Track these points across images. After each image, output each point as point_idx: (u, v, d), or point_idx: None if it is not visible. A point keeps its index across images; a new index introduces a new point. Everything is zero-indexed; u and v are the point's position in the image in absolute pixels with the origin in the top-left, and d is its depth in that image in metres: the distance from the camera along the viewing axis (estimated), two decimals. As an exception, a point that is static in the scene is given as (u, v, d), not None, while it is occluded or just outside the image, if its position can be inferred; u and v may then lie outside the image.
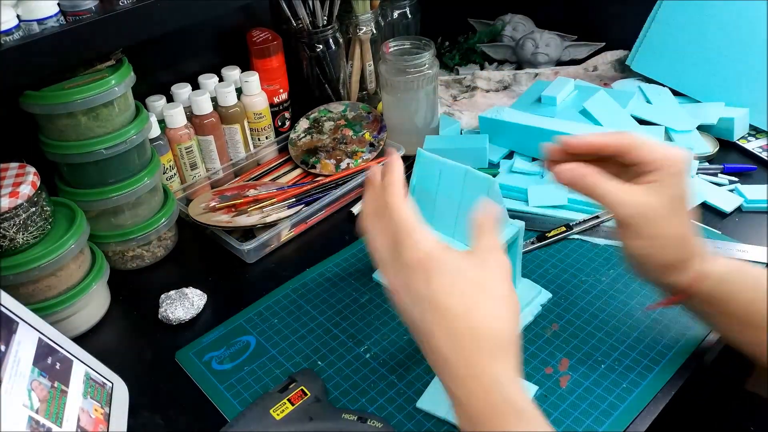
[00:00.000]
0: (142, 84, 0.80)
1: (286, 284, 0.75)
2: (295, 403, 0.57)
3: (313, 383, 0.59)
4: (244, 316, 0.71)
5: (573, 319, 0.67)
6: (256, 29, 0.95)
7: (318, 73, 1.01)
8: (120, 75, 0.70)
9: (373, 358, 0.65)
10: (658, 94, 1.00)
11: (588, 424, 0.57)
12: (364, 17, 1.02)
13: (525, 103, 1.00)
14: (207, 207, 0.83)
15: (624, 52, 1.12)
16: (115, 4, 0.68)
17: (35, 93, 0.67)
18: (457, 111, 1.05)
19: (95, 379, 0.59)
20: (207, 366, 0.65)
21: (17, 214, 0.62)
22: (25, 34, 0.63)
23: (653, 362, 0.62)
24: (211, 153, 0.91)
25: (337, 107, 1.00)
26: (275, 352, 0.66)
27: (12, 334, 0.52)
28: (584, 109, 0.93)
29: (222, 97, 0.89)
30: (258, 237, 0.79)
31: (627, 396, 0.59)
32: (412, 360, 0.64)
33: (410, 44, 0.93)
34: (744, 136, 0.94)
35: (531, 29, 1.21)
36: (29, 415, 0.49)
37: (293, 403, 0.57)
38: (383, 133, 0.95)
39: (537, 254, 0.76)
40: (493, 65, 1.22)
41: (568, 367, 0.62)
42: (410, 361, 0.64)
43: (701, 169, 0.87)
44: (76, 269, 0.69)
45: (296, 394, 0.58)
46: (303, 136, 0.97)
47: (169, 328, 0.71)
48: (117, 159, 0.73)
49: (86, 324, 0.72)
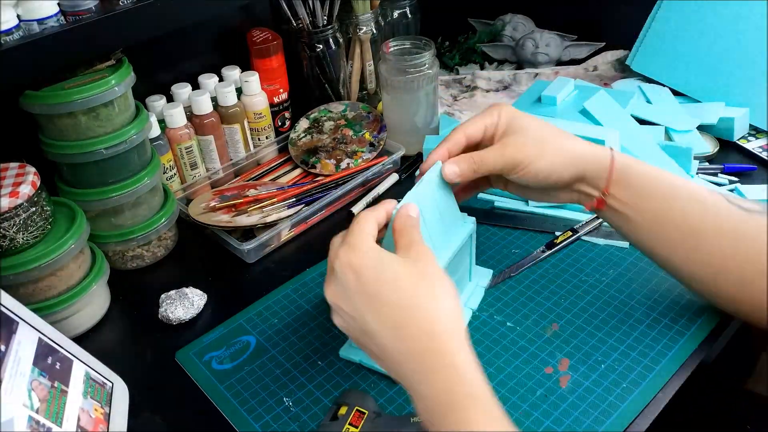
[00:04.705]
0: (142, 84, 0.80)
1: (286, 284, 0.75)
2: (358, 425, 0.55)
3: (364, 400, 0.57)
4: (244, 316, 0.71)
5: (573, 319, 0.67)
6: (256, 29, 0.95)
7: (318, 73, 1.01)
8: (120, 75, 0.70)
9: (373, 358, 0.65)
10: (658, 94, 1.00)
11: (588, 424, 0.57)
12: (364, 17, 1.02)
13: (525, 103, 1.00)
14: (207, 207, 0.83)
15: (624, 52, 1.12)
16: (115, 4, 0.68)
17: (35, 93, 0.67)
18: (457, 111, 1.05)
19: (95, 379, 0.59)
20: (207, 366, 0.65)
21: (17, 214, 0.62)
22: (25, 34, 0.63)
23: (653, 362, 0.62)
24: (211, 153, 0.91)
25: (337, 107, 1.00)
26: (275, 352, 0.66)
27: (12, 334, 0.52)
28: (584, 109, 0.93)
29: (222, 97, 0.89)
30: (258, 237, 0.79)
31: (627, 396, 0.59)
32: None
33: (410, 44, 0.93)
34: (744, 136, 0.94)
35: (531, 29, 1.21)
36: (29, 415, 0.49)
37: (356, 425, 0.55)
38: (383, 133, 0.95)
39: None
40: (493, 65, 1.22)
41: (568, 367, 0.62)
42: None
43: (701, 169, 0.87)
44: (76, 269, 0.69)
45: (354, 416, 0.56)
46: (303, 136, 0.97)
47: (169, 328, 0.71)
48: (117, 159, 0.73)
49: (86, 324, 0.72)
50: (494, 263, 0.75)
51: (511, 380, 0.61)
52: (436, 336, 0.47)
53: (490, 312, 0.69)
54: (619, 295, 0.69)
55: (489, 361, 0.63)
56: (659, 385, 0.60)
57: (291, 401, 0.61)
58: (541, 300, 0.70)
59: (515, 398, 0.59)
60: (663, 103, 0.98)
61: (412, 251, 0.51)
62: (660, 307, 0.67)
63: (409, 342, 0.47)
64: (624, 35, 1.09)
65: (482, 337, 0.66)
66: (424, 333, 0.47)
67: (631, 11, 1.08)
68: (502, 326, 0.67)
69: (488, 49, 1.23)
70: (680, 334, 0.64)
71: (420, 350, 0.47)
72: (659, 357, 0.62)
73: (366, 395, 0.58)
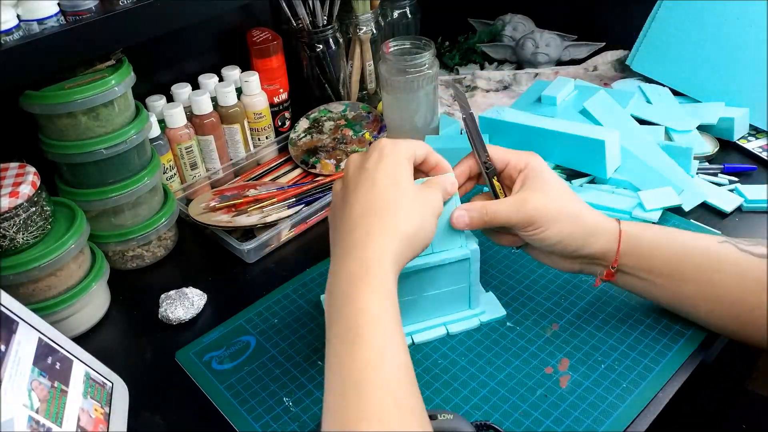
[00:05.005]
0: (142, 84, 0.80)
1: (286, 284, 0.75)
2: None
3: None
4: (244, 316, 0.71)
5: (573, 319, 0.67)
6: (256, 29, 0.95)
7: (318, 73, 1.01)
8: (120, 75, 0.70)
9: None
10: (658, 94, 1.00)
11: (588, 424, 0.57)
12: (364, 17, 1.02)
13: (525, 103, 1.00)
14: (207, 207, 0.83)
15: (624, 52, 1.12)
16: (115, 4, 0.68)
17: (35, 93, 0.67)
18: (457, 111, 1.05)
19: (95, 379, 0.59)
20: (207, 366, 0.65)
21: (17, 214, 0.62)
22: (25, 34, 0.63)
23: (653, 362, 0.62)
24: (211, 153, 0.91)
25: (337, 107, 1.00)
26: (275, 352, 0.66)
27: (12, 334, 0.52)
28: (584, 109, 0.93)
29: (222, 97, 0.89)
30: (258, 237, 0.79)
31: (627, 396, 0.59)
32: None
33: (410, 44, 0.93)
34: (744, 136, 0.94)
35: (531, 29, 1.21)
36: (29, 415, 0.49)
37: None
38: (383, 133, 0.95)
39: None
40: (493, 65, 1.22)
41: (568, 367, 0.62)
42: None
43: (701, 169, 0.87)
44: (76, 269, 0.69)
45: None
46: (303, 136, 0.97)
47: (169, 328, 0.71)
48: (117, 159, 0.73)
49: (86, 324, 0.72)
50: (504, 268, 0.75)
51: (511, 380, 0.61)
52: (394, 238, 0.51)
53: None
54: (619, 295, 0.69)
55: (489, 361, 0.63)
56: (659, 385, 0.60)
57: (291, 401, 0.61)
58: (541, 300, 0.70)
59: (515, 398, 0.59)
60: (663, 103, 0.98)
61: (426, 187, 0.57)
62: (660, 307, 0.67)
63: (364, 225, 0.52)
64: (624, 35, 1.09)
65: (482, 337, 0.66)
66: (385, 229, 0.52)
67: (631, 11, 1.08)
68: (502, 326, 0.67)
69: (488, 49, 1.23)
70: (680, 334, 0.64)
71: (363, 237, 0.51)
72: (659, 357, 0.62)
73: None
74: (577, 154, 0.85)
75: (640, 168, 0.84)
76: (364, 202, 0.53)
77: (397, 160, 0.55)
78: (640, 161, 0.84)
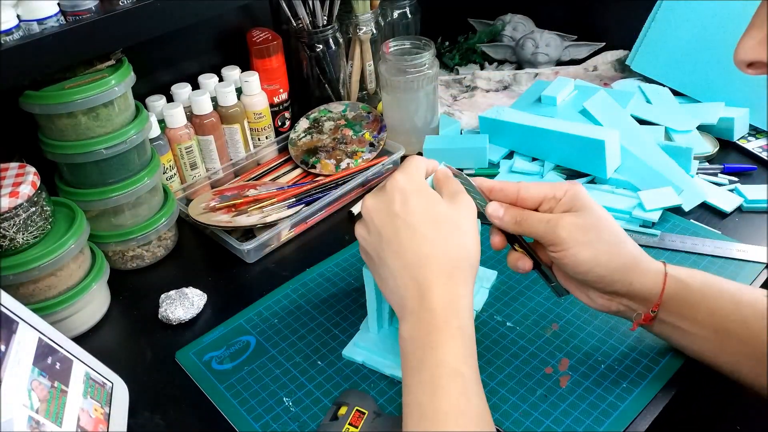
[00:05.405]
0: (142, 84, 0.80)
1: (286, 284, 0.75)
2: (358, 425, 0.55)
3: (364, 400, 0.57)
4: (244, 316, 0.71)
5: (573, 319, 0.67)
6: (256, 29, 0.95)
7: (318, 73, 1.01)
8: (120, 75, 0.70)
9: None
10: (658, 94, 1.00)
11: (588, 424, 0.57)
12: (364, 17, 1.02)
13: (525, 103, 1.00)
14: (207, 207, 0.83)
15: (624, 52, 1.12)
16: (115, 4, 0.68)
17: (35, 93, 0.67)
18: (457, 111, 1.05)
19: (95, 379, 0.59)
20: (207, 366, 0.65)
21: (17, 214, 0.62)
22: (25, 34, 0.63)
23: (653, 362, 0.62)
24: (211, 153, 0.91)
25: (337, 107, 1.00)
26: (275, 352, 0.66)
27: (12, 334, 0.52)
28: (584, 109, 0.93)
29: (222, 97, 0.89)
30: (258, 237, 0.79)
31: (627, 396, 0.59)
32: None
33: (410, 44, 0.93)
34: (744, 136, 0.94)
35: (531, 29, 1.21)
36: (29, 415, 0.49)
37: (356, 425, 0.55)
38: (383, 133, 0.95)
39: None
40: (493, 65, 1.22)
41: (568, 367, 0.62)
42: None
43: (701, 169, 0.87)
44: (76, 269, 0.69)
45: (354, 416, 0.56)
46: (303, 136, 0.97)
47: (169, 328, 0.71)
48: (117, 159, 0.73)
49: (86, 324, 0.72)
50: (495, 263, 0.75)
51: (511, 380, 0.61)
52: (454, 276, 0.52)
53: (490, 312, 0.69)
54: (619, 295, 0.69)
55: (489, 361, 0.63)
56: (659, 385, 0.60)
57: (291, 401, 0.61)
58: (541, 300, 0.70)
59: (515, 398, 0.59)
60: (663, 103, 0.98)
61: (457, 199, 0.55)
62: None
63: (426, 273, 0.51)
64: (624, 35, 1.09)
65: (482, 337, 0.66)
66: (443, 271, 0.51)
67: (631, 11, 1.08)
68: (502, 326, 0.67)
69: (488, 49, 1.23)
70: (680, 334, 0.64)
71: (430, 283, 0.51)
72: (659, 357, 0.62)
73: (366, 395, 0.58)
74: (577, 154, 0.86)
75: (640, 168, 0.84)
76: (412, 254, 0.52)
77: (420, 192, 0.54)
78: (640, 161, 0.84)
